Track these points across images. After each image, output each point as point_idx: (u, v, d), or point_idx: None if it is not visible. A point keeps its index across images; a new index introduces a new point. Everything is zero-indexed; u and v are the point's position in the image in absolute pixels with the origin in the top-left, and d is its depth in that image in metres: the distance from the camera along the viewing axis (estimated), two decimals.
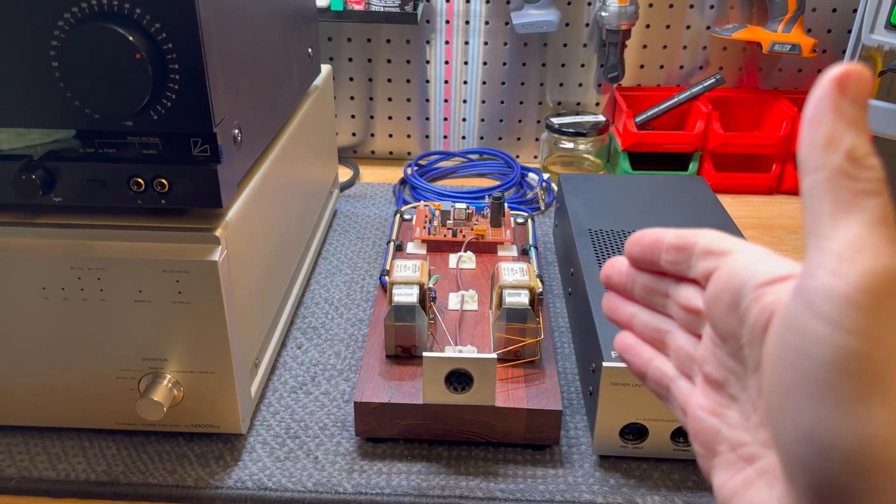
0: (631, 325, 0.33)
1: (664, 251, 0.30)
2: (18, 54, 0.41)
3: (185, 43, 0.41)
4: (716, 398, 0.28)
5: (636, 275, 0.32)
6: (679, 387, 0.30)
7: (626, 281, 0.32)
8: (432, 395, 0.50)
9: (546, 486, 0.50)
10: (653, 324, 0.32)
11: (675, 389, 0.30)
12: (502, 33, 0.96)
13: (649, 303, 0.32)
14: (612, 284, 0.33)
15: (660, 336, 0.31)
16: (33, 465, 0.51)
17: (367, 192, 0.93)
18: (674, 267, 0.30)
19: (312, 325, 0.66)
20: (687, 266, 0.29)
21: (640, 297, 0.32)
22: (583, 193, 0.73)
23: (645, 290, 0.32)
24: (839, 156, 0.22)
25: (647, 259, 0.31)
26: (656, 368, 0.31)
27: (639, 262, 0.32)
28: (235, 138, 0.47)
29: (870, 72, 0.23)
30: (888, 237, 0.21)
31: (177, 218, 0.47)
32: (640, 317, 0.32)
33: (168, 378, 0.48)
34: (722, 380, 0.27)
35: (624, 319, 0.33)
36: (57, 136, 0.44)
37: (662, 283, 0.31)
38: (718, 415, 0.27)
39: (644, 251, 0.31)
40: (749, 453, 0.26)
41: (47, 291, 0.46)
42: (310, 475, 0.50)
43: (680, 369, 0.30)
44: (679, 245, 0.29)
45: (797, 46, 0.88)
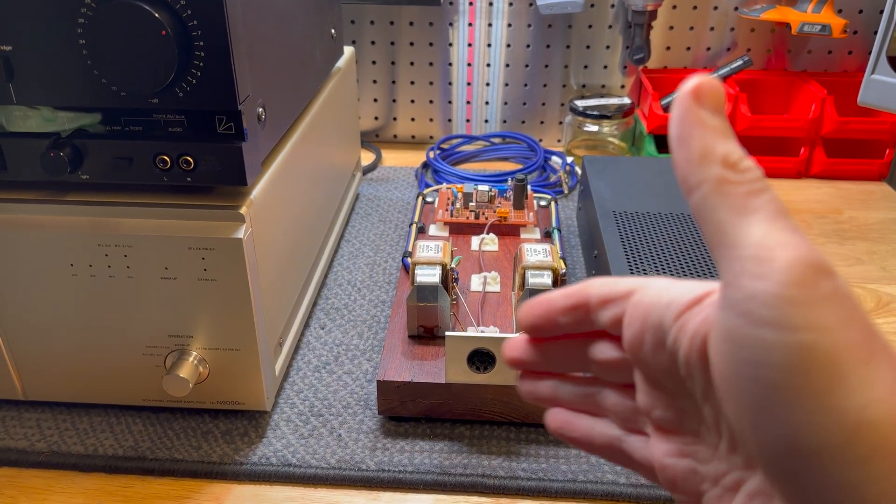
0: (556, 400, 0.31)
1: (559, 316, 0.29)
2: (46, 32, 0.41)
3: (210, 20, 0.41)
4: (677, 440, 0.26)
5: (543, 347, 0.30)
6: (632, 443, 0.29)
7: (532, 357, 0.31)
8: (454, 374, 0.50)
9: (569, 466, 0.50)
10: (578, 391, 0.30)
11: (628, 448, 0.29)
12: (526, 15, 0.95)
13: (567, 370, 0.30)
14: (520, 364, 0.31)
15: (590, 400, 0.30)
16: (62, 440, 0.52)
17: (389, 176, 0.93)
18: (577, 328, 0.28)
19: (335, 305, 0.67)
20: (590, 323, 0.28)
21: (555, 369, 0.31)
22: (608, 176, 0.73)
23: (556, 361, 0.30)
24: (717, 166, 0.22)
25: (545, 328, 0.29)
26: (601, 434, 0.30)
27: (539, 332, 0.30)
28: (259, 116, 0.47)
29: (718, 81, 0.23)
30: (790, 227, 0.21)
31: (202, 196, 0.47)
32: (562, 388, 0.31)
33: (194, 355, 0.49)
34: (675, 419, 0.26)
35: (547, 396, 0.31)
36: (82, 122, 0.44)
37: (572, 347, 0.29)
38: (687, 455, 0.26)
39: (538, 322, 0.29)
40: (733, 481, 0.24)
41: (75, 268, 0.47)
42: (333, 452, 0.51)
43: (625, 426, 0.29)
44: (572, 306, 0.28)
45: (827, 27, 0.87)
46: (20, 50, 0.42)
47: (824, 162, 0.91)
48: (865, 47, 0.95)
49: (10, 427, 0.53)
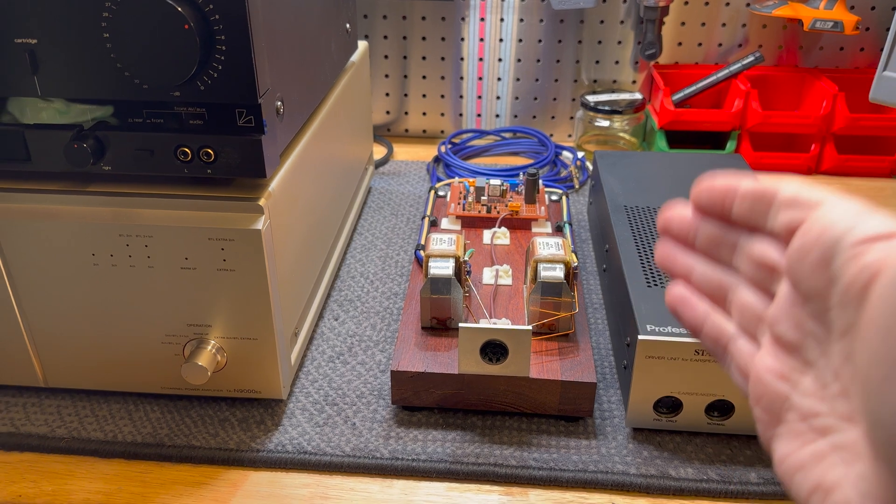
0: (688, 277, 0.30)
1: (738, 199, 0.27)
2: (70, 26, 0.42)
3: (232, 15, 0.41)
4: (787, 362, 0.25)
5: (701, 223, 0.29)
6: (739, 346, 0.28)
7: (687, 229, 0.30)
8: (467, 365, 0.51)
9: (579, 456, 0.50)
10: (714, 278, 0.29)
11: (734, 349, 0.28)
12: (538, 10, 0.95)
13: (713, 255, 0.29)
14: (670, 231, 0.30)
15: (720, 292, 0.29)
16: (82, 427, 0.53)
17: (400, 170, 0.93)
18: (748, 217, 0.27)
19: (349, 297, 0.67)
20: (764, 217, 0.26)
21: (702, 248, 0.29)
22: (619, 171, 0.73)
23: (710, 240, 0.29)
24: None
25: (716, 207, 0.28)
26: (713, 325, 0.29)
27: (707, 209, 0.29)
28: (278, 110, 0.48)
29: None
30: None
31: (222, 187, 0.48)
32: (700, 269, 0.29)
33: (212, 344, 0.50)
34: (797, 342, 0.25)
35: (680, 270, 0.30)
36: (94, 115, 0.45)
37: (731, 234, 0.28)
38: (789, 380, 0.25)
39: (714, 198, 0.28)
40: (823, 425, 0.24)
41: (96, 258, 0.48)
42: (348, 440, 0.51)
43: (743, 328, 0.28)
44: (757, 194, 0.27)
45: (839, 24, 0.87)
46: (45, 43, 0.43)
47: (835, 158, 0.91)
48: (877, 44, 0.95)
49: (32, 413, 0.54)
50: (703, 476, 0.49)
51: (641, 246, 0.60)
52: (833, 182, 0.91)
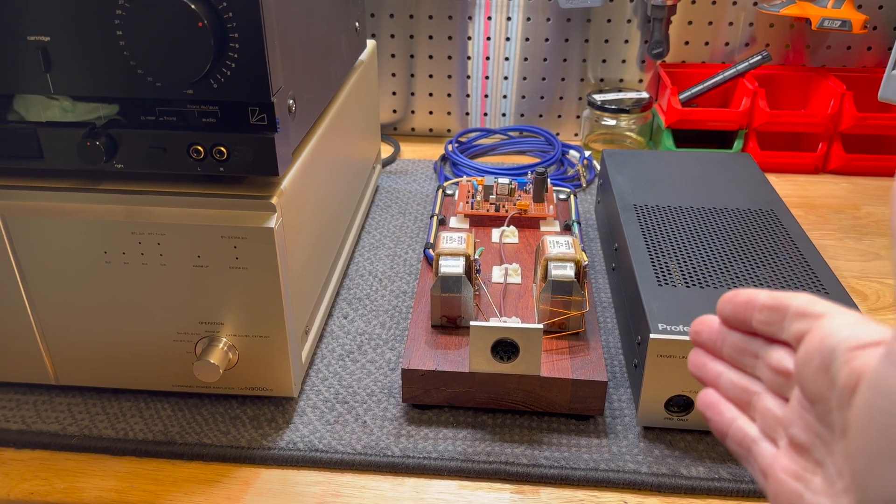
0: (717, 384, 0.33)
1: (756, 311, 0.30)
2: (84, 23, 0.42)
3: (245, 13, 0.41)
4: (800, 462, 0.28)
5: (727, 333, 0.32)
6: (761, 449, 0.30)
7: (715, 338, 0.33)
8: (478, 363, 0.51)
9: (590, 455, 0.50)
10: (740, 384, 0.32)
11: (756, 451, 0.30)
12: (545, 8, 0.95)
13: (738, 363, 0.32)
14: (701, 341, 0.34)
15: (746, 396, 0.32)
16: (93, 424, 0.53)
17: (408, 169, 0.93)
18: (766, 327, 0.30)
19: (357, 296, 0.67)
20: (779, 327, 0.29)
21: (728, 357, 0.32)
22: (627, 169, 0.73)
23: (735, 349, 0.32)
24: None
25: (739, 318, 0.31)
26: (739, 428, 0.31)
27: (731, 320, 0.32)
28: (290, 108, 0.48)
29: None
30: None
31: (234, 185, 0.48)
32: (727, 376, 0.32)
33: (224, 341, 0.50)
34: (808, 444, 0.27)
35: (710, 377, 0.33)
36: (100, 112, 0.45)
37: (753, 344, 0.31)
38: (802, 479, 0.27)
39: (737, 310, 0.31)
40: None
41: (109, 255, 0.48)
42: (359, 438, 0.51)
43: (764, 431, 0.30)
44: (772, 305, 0.30)
45: (847, 22, 0.87)
46: (58, 41, 0.43)
47: (842, 157, 0.91)
48: (885, 43, 0.95)
49: (43, 411, 0.54)
50: (715, 475, 0.49)
51: (651, 244, 0.60)
52: (840, 181, 0.91)
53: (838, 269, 0.73)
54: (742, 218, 0.64)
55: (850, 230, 0.80)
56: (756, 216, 0.65)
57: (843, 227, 0.81)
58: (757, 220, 0.64)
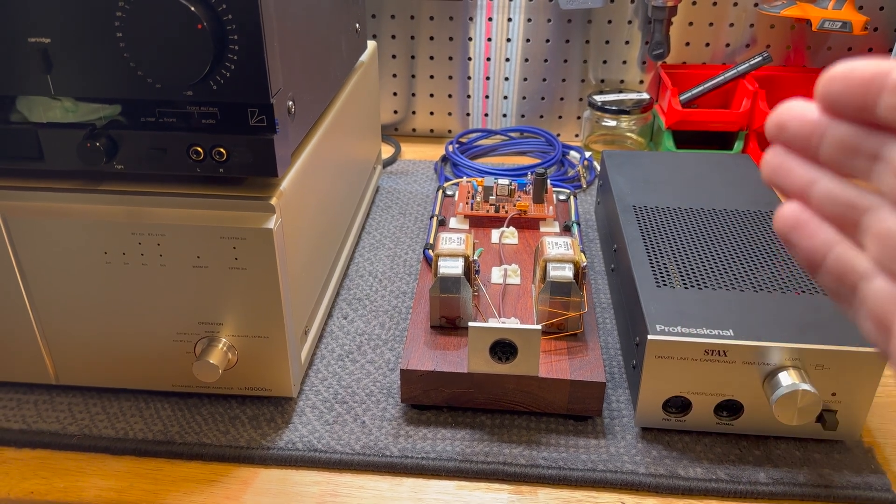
0: (806, 197, 0.24)
1: (888, 91, 0.21)
2: (84, 25, 0.42)
3: (245, 15, 0.42)
4: None
5: (830, 126, 0.23)
6: (876, 288, 0.22)
7: (810, 133, 0.23)
8: (477, 364, 0.51)
9: (588, 455, 0.51)
10: (845, 196, 0.23)
11: (868, 291, 0.22)
12: (546, 9, 0.96)
13: (844, 167, 0.23)
14: (786, 137, 0.24)
15: (853, 214, 0.23)
16: (93, 424, 0.53)
17: (408, 169, 0.94)
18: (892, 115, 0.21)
19: (357, 296, 0.68)
20: None
21: (829, 158, 0.23)
22: (627, 170, 0.73)
23: (842, 147, 0.23)
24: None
25: (855, 103, 0.22)
26: (840, 258, 0.23)
27: (841, 107, 0.22)
28: (290, 109, 0.48)
29: None
30: None
31: (234, 186, 0.48)
32: (825, 185, 0.23)
33: (223, 342, 0.50)
34: None
35: (796, 185, 0.24)
36: (102, 113, 0.46)
37: (872, 139, 0.22)
38: None
39: (853, 91, 0.22)
40: None
41: (109, 256, 0.48)
42: (357, 438, 0.52)
43: (882, 263, 0.22)
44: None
45: (848, 24, 0.87)
46: (58, 42, 0.43)
47: None
48: (886, 44, 0.95)
49: (43, 411, 0.54)
50: (713, 476, 0.49)
51: (650, 246, 0.60)
52: None
53: None
54: (742, 219, 0.64)
55: None
56: (756, 218, 0.65)
57: None
58: (757, 221, 0.64)
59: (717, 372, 0.49)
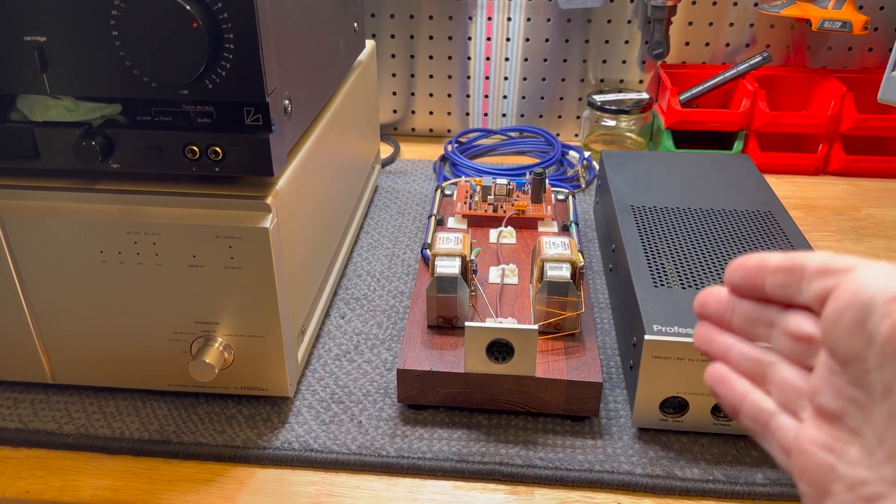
0: (726, 358, 0.31)
1: (769, 275, 0.28)
2: (80, 24, 0.42)
3: (240, 14, 0.41)
4: (831, 432, 0.25)
5: (736, 303, 0.30)
6: (780, 423, 0.28)
7: (723, 310, 0.31)
8: (473, 364, 0.51)
9: (585, 455, 0.50)
10: (752, 356, 0.29)
11: (774, 426, 0.28)
12: (546, 9, 0.95)
13: (749, 334, 0.30)
14: (707, 314, 0.31)
15: (759, 369, 0.29)
16: (90, 423, 0.53)
17: (407, 169, 0.93)
18: (781, 291, 0.28)
19: (355, 296, 0.68)
20: (796, 290, 0.27)
21: (739, 328, 0.30)
22: (626, 170, 0.73)
23: (746, 319, 0.30)
24: None
25: (750, 285, 0.29)
26: (753, 403, 0.29)
27: (741, 288, 0.30)
28: (286, 109, 0.48)
29: None
30: None
31: (229, 186, 0.48)
32: (738, 348, 0.30)
33: (219, 341, 0.50)
34: (840, 411, 0.25)
35: (719, 351, 0.31)
36: (103, 112, 0.45)
37: (767, 312, 0.29)
38: (833, 450, 0.25)
39: (748, 276, 0.29)
40: (871, 493, 0.24)
41: (105, 255, 0.48)
42: (354, 438, 0.52)
43: (782, 404, 0.28)
44: (788, 267, 0.27)
45: (848, 24, 0.86)
46: (54, 41, 0.43)
47: (843, 159, 0.90)
48: (886, 44, 0.95)
49: (40, 410, 0.54)
50: (709, 476, 0.49)
51: (648, 246, 0.60)
52: (840, 182, 0.90)
53: None
54: (739, 219, 0.64)
55: (850, 232, 0.80)
56: (753, 218, 0.65)
57: (843, 228, 0.80)
58: (754, 221, 0.64)
59: None
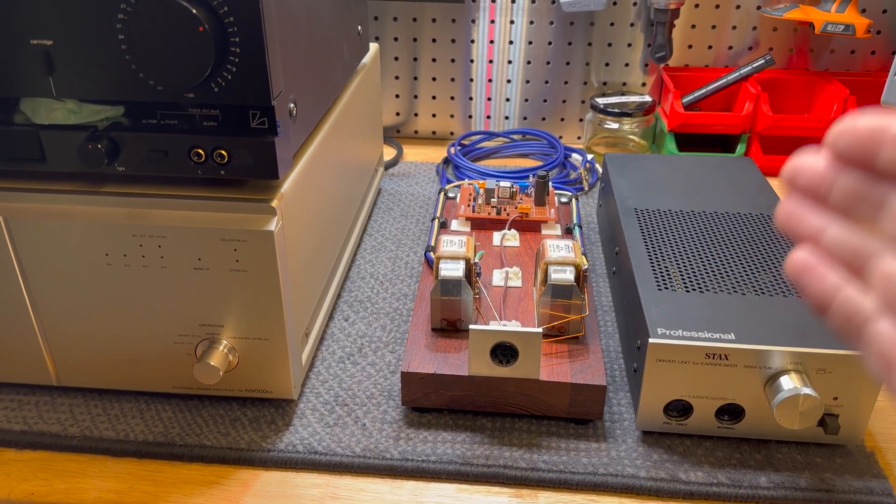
0: (817, 241, 0.26)
1: (889, 143, 0.23)
2: (86, 27, 0.42)
3: (246, 17, 0.42)
4: None
5: (838, 175, 0.25)
6: (882, 329, 0.23)
7: (821, 182, 0.25)
8: (477, 367, 0.51)
9: (589, 459, 0.50)
10: (852, 242, 0.24)
11: (874, 332, 0.23)
12: (548, 12, 0.96)
13: (851, 213, 0.25)
14: (797, 183, 0.26)
15: (859, 260, 0.24)
16: (94, 425, 0.53)
17: (410, 171, 0.94)
18: None
19: (359, 298, 0.68)
20: None
21: (838, 205, 0.25)
22: (629, 173, 0.73)
23: (849, 194, 0.24)
24: None
25: (860, 153, 0.24)
26: (847, 301, 0.24)
27: (847, 157, 0.24)
28: (291, 112, 0.48)
29: None
30: None
31: (235, 188, 0.48)
32: (834, 231, 0.25)
33: (224, 344, 0.50)
34: None
35: (808, 231, 0.26)
36: (106, 115, 0.46)
37: (877, 188, 0.24)
38: None
39: (858, 143, 0.24)
40: None
41: (110, 258, 0.48)
42: (358, 441, 0.52)
43: (889, 304, 0.23)
44: None
45: (851, 27, 0.87)
46: (60, 44, 0.43)
47: None
48: (889, 47, 0.95)
49: (44, 412, 0.54)
50: (713, 480, 0.49)
51: (651, 249, 0.60)
52: None
53: None
54: (743, 222, 0.64)
55: None
56: (757, 221, 0.65)
57: None
58: (758, 224, 0.64)
59: (719, 375, 0.49)
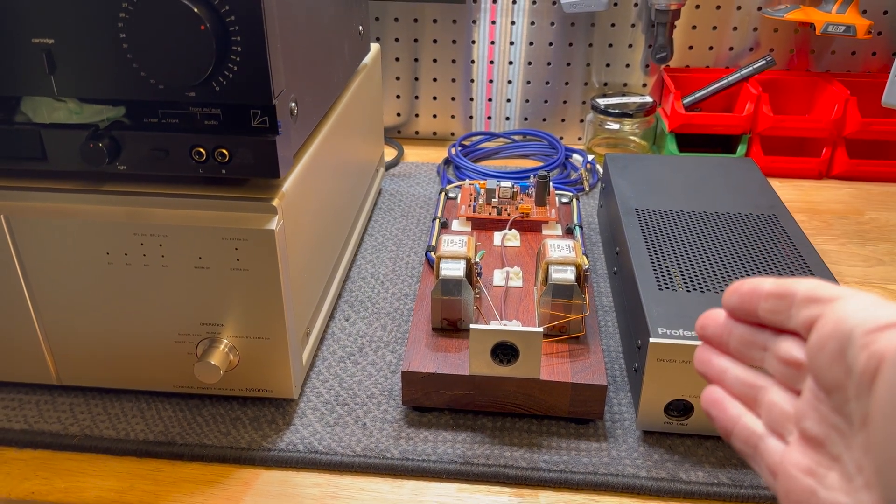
0: (721, 381, 0.32)
1: (762, 300, 0.29)
2: (87, 26, 0.43)
3: (247, 16, 0.42)
4: (814, 457, 0.26)
5: (733, 326, 0.31)
6: (768, 446, 0.29)
7: (721, 333, 0.32)
8: (478, 366, 0.51)
9: (590, 458, 0.50)
10: (746, 379, 0.31)
11: (763, 448, 0.29)
12: (549, 13, 0.96)
13: (745, 357, 0.31)
14: (707, 336, 0.33)
15: (752, 392, 0.30)
16: (94, 425, 0.53)
17: (411, 172, 0.94)
18: (773, 317, 0.29)
19: (359, 298, 0.68)
20: (787, 316, 0.28)
21: (735, 351, 0.31)
22: (630, 174, 0.73)
23: (742, 342, 0.31)
24: None
25: (744, 309, 0.30)
26: (744, 426, 0.30)
27: (736, 312, 0.31)
28: (292, 111, 0.48)
29: None
30: None
31: (236, 187, 0.48)
32: (733, 372, 0.31)
33: (225, 343, 0.50)
34: (822, 437, 0.26)
35: (715, 374, 0.32)
36: (108, 114, 0.46)
37: (760, 336, 0.30)
38: (815, 475, 0.26)
39: (742, 300, 0.30)
40: None
41: (111, 256, 0.48)
42: (358, 440, 0.52)
43: (771, 427, 0.29)
44: (778, 293, 0.29)
45: (852, 28, 0.87)
46: (62, 43, 0.43)
47: (846, 163, 0.90)
48: (889, 48, 0.95)
49: (45, 411, 0.54)
50: (714, 480, 0.49)
51: (652, 249, 0.60)
52: (844, 186, 0.91)
53: (840, 275, 0.73)
54: (744, 223, 0.64)
55: (854, 235, 0.80)
56: (758, 221, 0.65)
57: (847, 232, 0.80)
58: (759, 224, 0.64)
59: None
